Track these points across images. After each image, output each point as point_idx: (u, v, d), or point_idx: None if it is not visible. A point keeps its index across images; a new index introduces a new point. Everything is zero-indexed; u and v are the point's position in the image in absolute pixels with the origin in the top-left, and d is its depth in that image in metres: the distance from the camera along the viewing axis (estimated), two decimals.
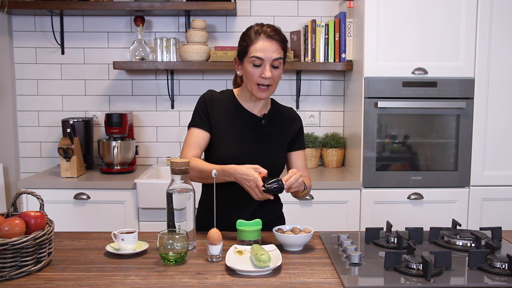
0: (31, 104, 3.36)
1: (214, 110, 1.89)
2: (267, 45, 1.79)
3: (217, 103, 1.90)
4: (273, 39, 1.80)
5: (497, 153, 2.90)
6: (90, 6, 3.04)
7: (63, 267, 1.49)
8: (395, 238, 1.70)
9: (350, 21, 3.11)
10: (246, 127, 1.90)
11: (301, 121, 2.04)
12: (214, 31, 3.34)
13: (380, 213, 2.85)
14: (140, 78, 3.37)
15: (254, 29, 1.84)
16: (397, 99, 2.85)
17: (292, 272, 1.46)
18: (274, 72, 1.81)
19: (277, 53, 1.80)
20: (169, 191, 1.63)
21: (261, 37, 1.80)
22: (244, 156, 1.84)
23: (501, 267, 1.46)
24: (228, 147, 1.85)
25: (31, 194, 1.55)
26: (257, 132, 1.91)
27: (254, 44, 1.80)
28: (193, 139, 1.87)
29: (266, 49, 1.78)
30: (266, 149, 1.90)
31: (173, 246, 1.50)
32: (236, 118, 1.90)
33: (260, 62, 1.79)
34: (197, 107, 1.91)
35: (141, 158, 3.41)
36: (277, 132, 1.94)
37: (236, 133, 1.88)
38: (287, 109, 2.04)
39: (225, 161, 1.80)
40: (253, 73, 1.80)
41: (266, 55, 1.78)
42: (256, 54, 1.78)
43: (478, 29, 2.82)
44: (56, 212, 2.61)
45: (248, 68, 1.81)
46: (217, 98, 1.92)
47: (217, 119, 1.88)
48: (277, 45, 1.81)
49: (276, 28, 1.84)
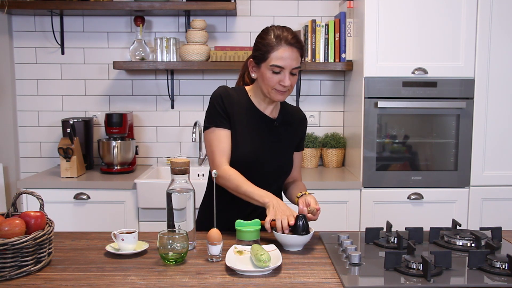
0: (31, 104, 3.36)
1: (231, 107, 1.83)
2: (288, 53, 1.74)
3: (233, 101, 1.84)
4: (294, 47, 1.76)
5: (497, 153, 2.90)
6: (90, 6, 3.04)
7: (63, 267, 1.49)
8: (395, 238, 1.70)
9: (350, 21, 3.11)
10: (260, 128, 1.87)
11: (307, 122, 2.04)
12: (214, 31, 3.34)
13: (380, 213, 2.85)
14: (140, 78, 3.37)
15: (274, 33, 1.77)
16: (397, 99, 2.85)
17: (292, 272, 1.46)
18: (292, 78, 1.78)
19: (297, 61, 1.77)
20: (169, 191, 1.63)
21: (282, 44, 1.74)
22: (257, 157, 1.83)
23: (501, 267, 1.46)
24: (243, 148, 1.82)
25: (31, 194, 1.55)
26: (270, 133, 1.88)
27: (274, 51, 1.75)
28: (221, 143, 1.81)
29: (286, 58, 1.74)
30: (278, 151, 1.89)
31: (173, 246, 1.50)
32: (250, 118, 1.86)
33: (280, 70, 1.75)
34: (214, 104, 1.83)
35: (141, 158, 3.41)
36: (288, 134, 1.93)
37: (250, 134, 1.85)
38: (296, 109, 2.02)
39: (238, 161, 1.79)
40: (272, 80, 1.76)
41: (287, 63, 1.75)
42: (277, 62, 1.74)
43: (478, 29, 2.82)
44: (56, 212, 2.61)
45: (267, 74, 1.77)
46: (233, 95, 1.85)
47: (234, 116, 1.83)
48: (297, 53, 1.77)
49: (296, 34, 1.79)
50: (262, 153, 1.84)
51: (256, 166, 1.82)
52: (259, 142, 1.85)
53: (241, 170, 1.77)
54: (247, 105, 1.87)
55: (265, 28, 1.83)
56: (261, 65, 1.79)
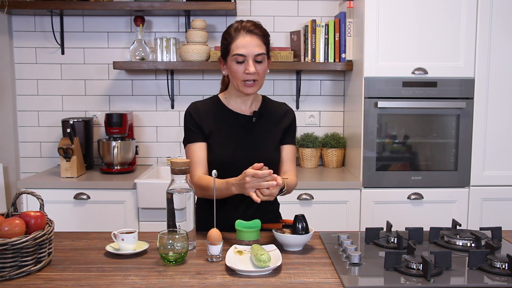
0: (31, 104, 3.36)
1: (202, 120, 1.88)
2: (248, 40, 1.77)
3: (203, 113, 1.89)
4: (254, 34, 1.78)
5: (497, 153, 2.90)
6: (90, 6, 3.04)
7: (63, 267, 1.49)
8: (395, 238, 1.70)
9: (350, 21, 3.11)
10: (236, 128, 1.89)
11: (293, 115, 2.00)
12: (214, 31, 3.34)
13: (380, 213, 2.85)
14: (140, 78, 3.37)
15: (233, 26, 1.82)
16: (397, 99, 2.85)
17: (292, 272, 1.46)
18: (258, 67, 1.79)
19: (259, 47, 1.78)
20: (169, 191, 1.63)
21: (241, 33, 1.78)
22: (237, 156, 1.84)
23: (501, 267, 1.46)
24: (221, 150, 1.86)
25: (31, 194, 1.55)
26: (248, 131, 1.89)
27: (234, 41, 1.78)
28: (194, 155, 1.86)
29: (247, 45, 1.77)
30: (259, 147, 1.89)
31: (173, 246, 1.50)
32: (224, 121, 1.89)
33: (243, 58, 1.77)
34: (186, 123, 1.91)
35: (141, 158, 3.41)
36: (268, 128, 1.92)
37: (226, 136, 1.88)
38: (279, 104, 2.01)
39: (219, 164, 1.81)
40: (237, 70, 1.79)
41: (248, 50, 1.77)
42: (238, 51, 1.77)
43: (478, 29, 2.82)
44: (56, 212, 2.61)
45: (232, 66, 1.79)
46: (202, 108, 1.91)
47: (208, 127, 1.88)
48: (258, 39, 1.79)
49: (256, 23, 1.82)
50: (239, 152, 1.86)
51: (235, 167, 1.80)
52: (236, 143, 1.87)
53: (222, 173, 1.75)
54: (219, 110, 1.90)
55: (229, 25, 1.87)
56: (227, 59, 1.82)
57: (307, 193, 2.83)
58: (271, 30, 3.30)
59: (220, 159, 1.85)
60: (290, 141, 1.98)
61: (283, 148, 1.96)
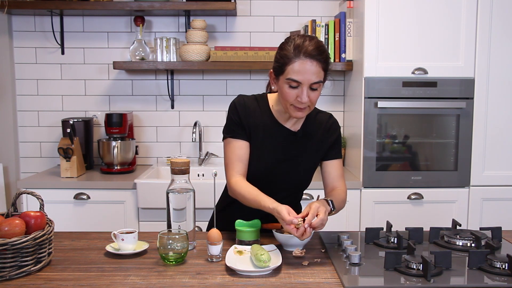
0: (31, 104, 3.36)
1: (246, 119, 1.75)
2: (307, 67, 1.58)
3: (250, 111, 1.76)
4: (314, 59, 1.59)
5: (497, 153, 2.90)
6: (90, 6, 3.04)
7: (63, 267, 1.49)
8: (395, 238, 1.71)
9: (350, 21, 3.11)
10: (276, 143, 1.77)
11: (339, 129, 1.87)
12: (214, 31, 3.34)
13: (380, 213, 2.85)
14: (140, 78, 3.37)
15: (294, 43, 1.61)
16: (397, 99, 2.84)
17: (292, 272, 1.46)
18: (312, 94, 1.63)
19: (317, 75, 1.60)
20: (169, 191, 1.63)
21: (300, 56, 1.58)
22: (271, 172, 1.77)
23: (501, 267, 1.46)
24: (258, 162, 1.76)
25: (31, 194, 1.55)
26: (289, 148, 1.77)
27: (291, 63, 1.59)
28: (234, 152, 1.74)
29: (305, 72, 1.58)
30: (295, 166, 1.78)
31: (173, 246, 1.50)
32: (266, 131, 1.76)
33: (297, 84, 1.60)
34: (230, 115, 1.77)
35: (141, 158, 3.41)
36: (310, 146, 1.80)
37: (267, 147, 1.76)
38: (324, 116, 1.86)
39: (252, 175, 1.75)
40: (289, 95, 1.62)
41: (305, 78, 1.59)
42: (293, 76, 1.59)
43: (478, 29, 2.82)
44: (56, 212, 2.60)
45: (284, 88, 1.63)
46: (250, 106, 1.76)
47: (249, 129, 1.75)
48: (318, 66, 1.60)
49: (319, 45, 1.61)
50: (276, 167, 1.76)
51: (268, 183, 1.74)
52: (275, 156, 1.76)
53: (254, 184, 1.70)
54: (265, 117, 1.77)
55: (287, 37, 1.68)
56: (279, 78, 1.65)
57: (307, 193, 2.83)
58: (271, 30, 3.31)
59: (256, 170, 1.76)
60: (335, 156, 1.85)
61: (329, 163, 1.85)
